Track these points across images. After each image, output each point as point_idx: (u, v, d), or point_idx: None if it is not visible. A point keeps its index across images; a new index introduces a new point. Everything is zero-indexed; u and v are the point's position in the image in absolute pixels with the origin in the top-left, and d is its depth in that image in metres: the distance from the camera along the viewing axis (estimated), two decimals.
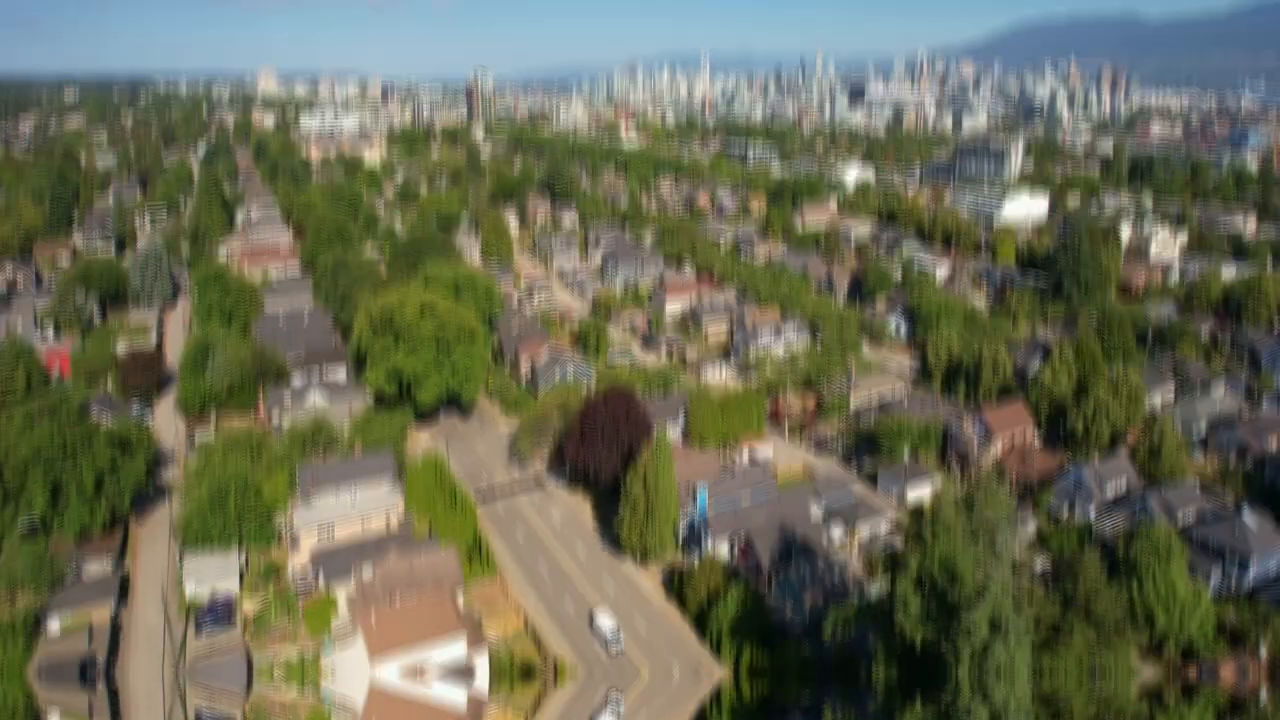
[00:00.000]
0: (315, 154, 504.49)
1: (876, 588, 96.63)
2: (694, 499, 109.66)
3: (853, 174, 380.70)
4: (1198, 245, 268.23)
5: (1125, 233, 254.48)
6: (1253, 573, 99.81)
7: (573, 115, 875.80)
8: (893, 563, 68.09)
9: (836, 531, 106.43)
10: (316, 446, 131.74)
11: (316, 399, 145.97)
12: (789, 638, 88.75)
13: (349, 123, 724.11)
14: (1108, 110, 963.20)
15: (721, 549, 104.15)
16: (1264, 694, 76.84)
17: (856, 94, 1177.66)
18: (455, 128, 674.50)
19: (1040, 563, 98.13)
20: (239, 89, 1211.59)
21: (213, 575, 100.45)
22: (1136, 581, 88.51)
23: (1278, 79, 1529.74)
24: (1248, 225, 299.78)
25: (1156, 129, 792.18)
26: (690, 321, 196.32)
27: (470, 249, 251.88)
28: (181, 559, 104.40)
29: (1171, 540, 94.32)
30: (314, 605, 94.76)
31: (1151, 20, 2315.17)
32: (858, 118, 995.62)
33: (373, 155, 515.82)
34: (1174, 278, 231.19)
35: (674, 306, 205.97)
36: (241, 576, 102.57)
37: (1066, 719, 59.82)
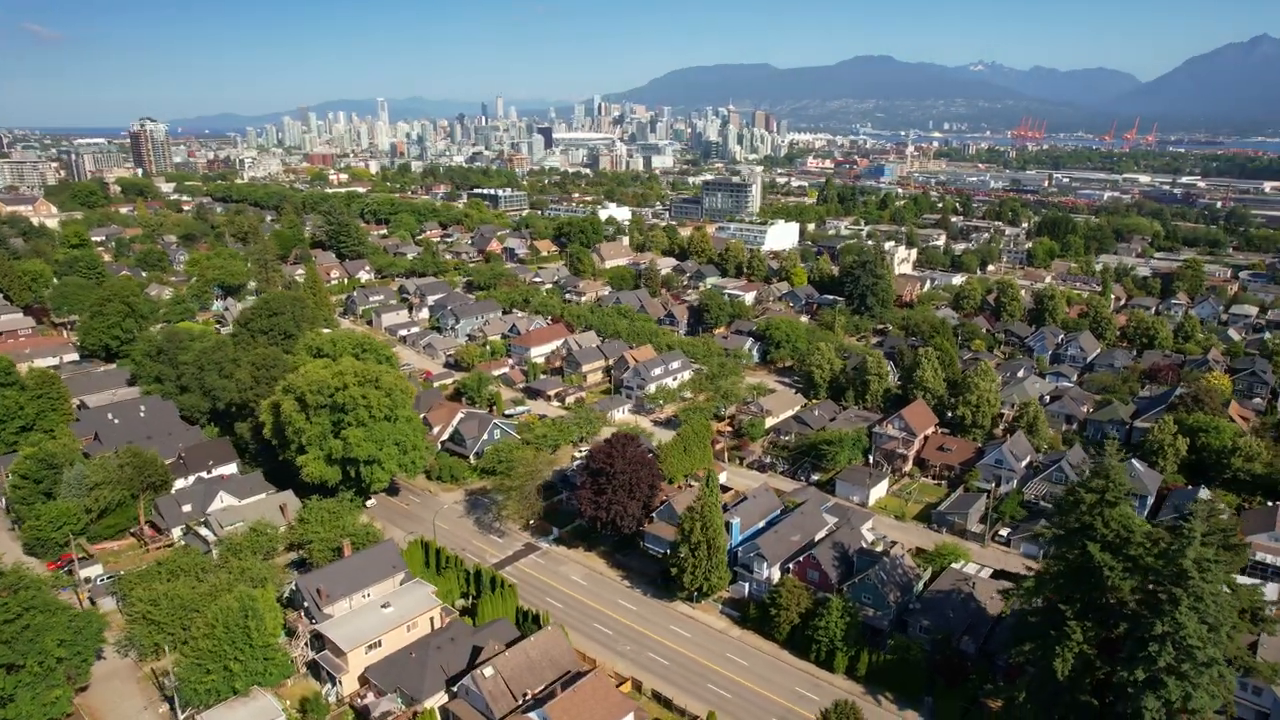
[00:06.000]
0: None
1: (925, 576, 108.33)
2: (728, 531, 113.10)
3: (616, 213, 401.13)
4: (923, 260, 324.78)
5: None
6: (1148, 505, 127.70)
7: (266, 165, 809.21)
8: (1062, 537, 78.18)
9: (867, 532, 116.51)
10: (262, 553, 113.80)
11: (227, 501, 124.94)
12: (889, 635, 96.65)
13: None
14: (769, 148, 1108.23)
15: (774, 572, 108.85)
16: None
17: (545, 137, 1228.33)
18: (136, 182, 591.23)
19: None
20: None
21: None
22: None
23: (879, 120, 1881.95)
24: (941, 241, 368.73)
25: (813, 164, 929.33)
26: (566, 365, 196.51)
27: None
28: None
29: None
30: None
31: (781, 68, 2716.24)
32: (556, 159, 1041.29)
33: (48, 216, 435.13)
34: (926, 287, 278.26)
35: (539, 353, 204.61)
36: None
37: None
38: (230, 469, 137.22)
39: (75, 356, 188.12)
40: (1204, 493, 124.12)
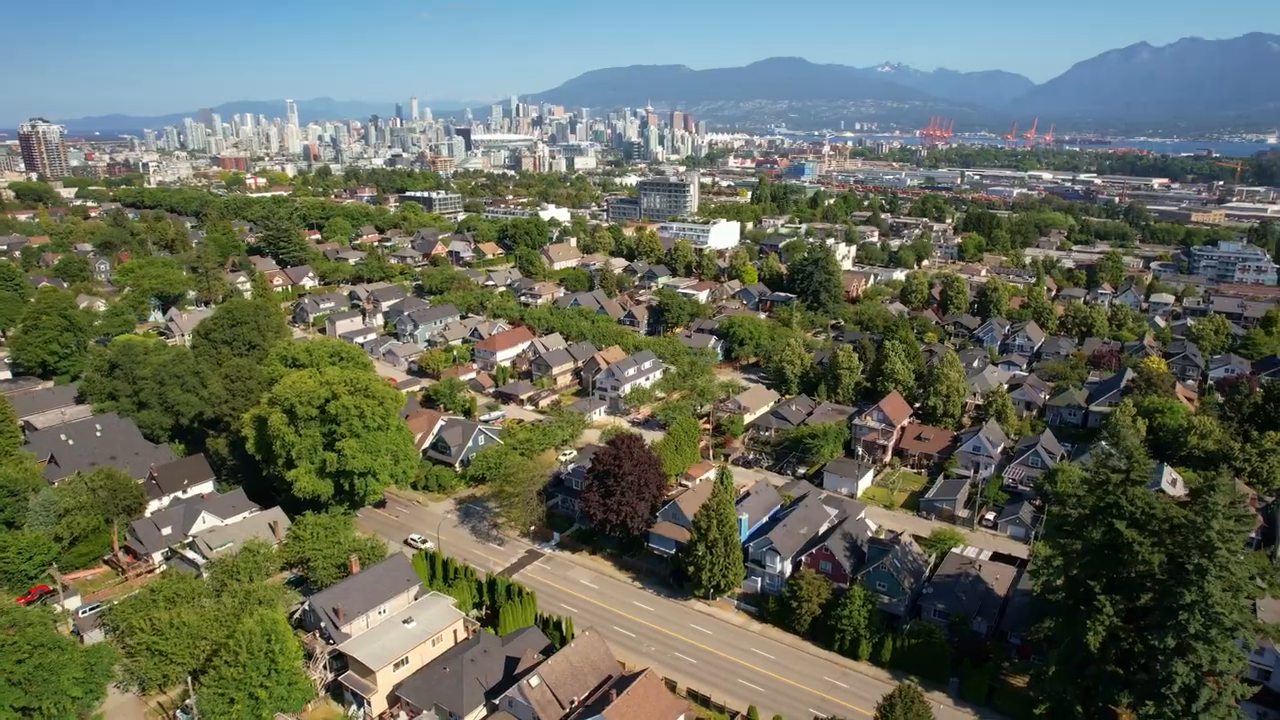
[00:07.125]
0: None
1: (932, 561, 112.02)
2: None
3: (556, 215, 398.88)
4: (863, 256, 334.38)
5: None
6: None
7: (174, 169, 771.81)
8: (1088, 515, 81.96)
9: (870, 523, 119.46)
10: (261, 574, 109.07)
11: (210, 521, 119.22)
12: (905, 620, 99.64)
13: None
14: (690, 148, 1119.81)
15: (786, 566, 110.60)
16: None
17: (465, 139, 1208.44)
18: (33, 187, 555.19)
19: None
20: None
21: None
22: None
23: (793, 120, 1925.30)
24: (875, 238, 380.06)
25: (735, 164, 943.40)
26: (535, 369, 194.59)
27: None
28: None
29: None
30: None
31: (696, 69, 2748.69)
32: (478, 160, 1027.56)
33: None
34: (870, 283, 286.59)
35: (505, 357, 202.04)
36: None
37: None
38: (207, 487, 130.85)
39: (8, 375, 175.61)
40: (1166, 470, 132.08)
